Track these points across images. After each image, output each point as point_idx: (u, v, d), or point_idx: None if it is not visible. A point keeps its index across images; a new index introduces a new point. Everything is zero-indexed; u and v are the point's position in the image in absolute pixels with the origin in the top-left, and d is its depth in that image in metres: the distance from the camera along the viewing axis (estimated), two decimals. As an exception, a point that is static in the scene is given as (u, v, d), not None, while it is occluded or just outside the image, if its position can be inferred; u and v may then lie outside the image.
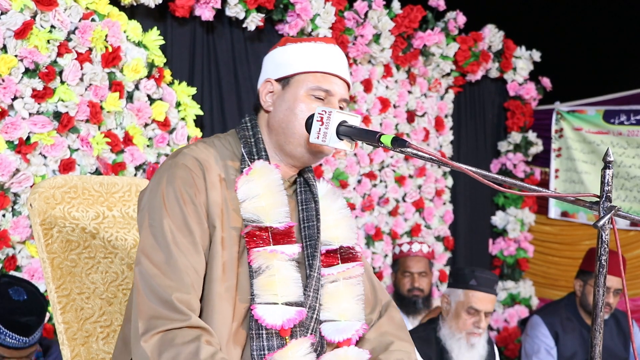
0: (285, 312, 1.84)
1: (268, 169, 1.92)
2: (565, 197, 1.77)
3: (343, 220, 2.05)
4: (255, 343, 1.84)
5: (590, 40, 5.84)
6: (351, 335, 1.95)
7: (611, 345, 4.24)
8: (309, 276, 1.94)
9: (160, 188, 1.86)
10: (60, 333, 2.04)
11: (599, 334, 1.69)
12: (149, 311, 1.76)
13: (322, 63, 1.96)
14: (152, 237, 1.82)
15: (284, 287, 1.85)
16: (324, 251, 2.00)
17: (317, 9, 4.25)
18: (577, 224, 5.61)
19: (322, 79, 1.94)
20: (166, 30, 3.82)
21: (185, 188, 1.85)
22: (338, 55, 2.00)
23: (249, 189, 1.89)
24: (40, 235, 2.05)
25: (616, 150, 5.31)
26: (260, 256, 1.85)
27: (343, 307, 1.97)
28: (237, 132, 2.02)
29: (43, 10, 3.24)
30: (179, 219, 1.83)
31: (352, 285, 2.00)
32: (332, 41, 2.02)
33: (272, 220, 1.88)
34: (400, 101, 4.90)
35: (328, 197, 2.06)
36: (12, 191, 3.21)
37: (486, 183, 1.69)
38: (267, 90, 1.99)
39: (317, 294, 1.95)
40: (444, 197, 5.21)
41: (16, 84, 3.19)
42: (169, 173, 1.87)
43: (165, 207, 1.83)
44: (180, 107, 3.76)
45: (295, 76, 1.96)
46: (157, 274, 1.78)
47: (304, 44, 1.98)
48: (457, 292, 3.52)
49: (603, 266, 1.68)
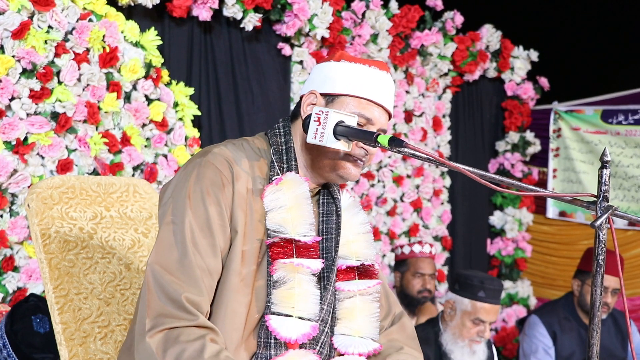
0: (301, 327, 1.83)
1: (298, 181, 1.90)
2: (562, 197, 1.77)
3: (363, 236, 2.04)
4: (262, 351, 1.84)
5: (588, 40, 5.85)
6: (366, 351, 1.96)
7: (609, 344, 4.24)
8: (325, 289, 1.93)
9: (187, 184, 1.83)
10: (58, 333, 2.04)
11: (597, 333, 1.69)
12: (157, 308, 1.74)
13: (371, 90, 1.92)
14: (171, 234, 1.80)
15: (302, 301, 1.84)
16: (345, 267, 1.99)
17: (314, 9, 4.25)
18: (575, 223, 5.61)
19: (366, 105, 1.91)
20: (164, 31, 3.82)
21: (213, 188, 1.83)
22: (388, 84, 1.96)
23: (276, 198, 1.87)
24: (37, 236, 2.05)
25: (614, 150, 5.31)
26: (284, 268, 1.84)
27: (358, 323, 1.97)
28: (268, 137, 2.00)
29: (40, 11, 3.24)
30: (202, 219, 1.81)
31: (368, 302, 2.00)
32: (386, 68, 1.99)
33: (298, 232, 1.86)
34: (398, 101, 4.90)
35: (350, 210, 2.05)
36: (9, 192, 3.21)
37: (483, 183, 1.69)
38: (310, 102, 1.95)
39: (330, 308, 1.94)
40: (441, 197, 5.21)
41: (14, 85, 3.18)
42: (198, 171, 1.85)
43: (190, 204, 1.81)
44: (178, 108, 3.75)
45: (341, 97, 1.92)
46: (169, 272, 1.77)
47: (358, 65, 1.94)
48: (464, 301, 3.50)
49: (600, 266, 1.68)
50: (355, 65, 1.95)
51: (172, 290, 1.75)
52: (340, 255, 1.99)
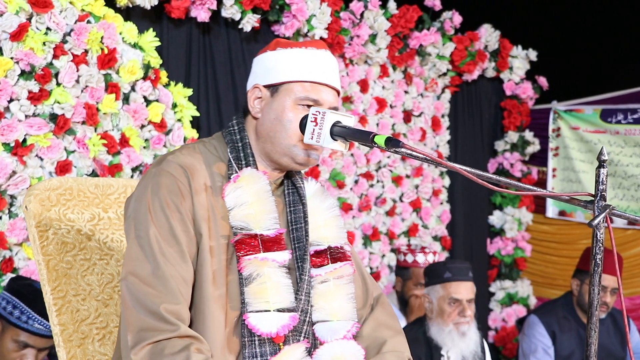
0: (279, 319, 1.83)
1: (256, 176, 1.91)
2: (560, 197, 1.78)
3: (332, 220, 2.05)
4: (248, 350, 1.83)
5: (587, 39, 5.85)
6: (343, 335, 1.95)
7: (609, 344, 4.24)
8: (300, 280, 1.94)
9: (145, 197, 1.85)
10: (56, 335, 2.04)
11: (595, 332, 1.70)
12: (138, 323, 1.74)
13: (312, 72, 1.93)
14: (138, 248, 1.81)
15: (275, 294, 1.84)
16: (313, 252, 2.00)
17: (313, 10, 4.25)
18: (575, 223, 5.61)
19: (310, 88, 1.92)
20: (162, 32, 3.82)
21: (171, 196, 1.83)
22: (329, 62, 1.97)
23: (237, 196, 1.88)
24: (35, 238, 2.05)
25: (613, 149, 5.32)
26: (251, 264, 1.84)
27: (335, 307, 1.97)
28: (223, 136, 2.01)
29: (38, 13, 3.24)
30: (165, 229, 1.81)
31: (342, 284, 2.00)
32: (324, 46, 2.00)
33: (262, 227, 1.87)
34: (396, 101, 4.90)
35: (317, 196, 2.06)
36: (8, 193, 3.21)
37: (480, 182, 1.69)
38: (255, 96, 1.97)
39: (308, 297, 1.95)
40: (441, 197, 5.22)
41: (12, 86, 3.18)
42: (154, 181, 1.86)
43: (151, 216, 1.82)
44: (177, 109, 3.76)
45: (284, 84, 1.94)
46: (144, 285, 1.77)
47: (295, 50, 1.95)
48: (435, 288, 3.58)
49: (598, 265, 1.68)
50: (292, 50, 1.95)
51: (150, 303, 1.75)
52: (311, 242, 2.00)
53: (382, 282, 4.73)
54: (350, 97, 4.63)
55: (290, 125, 1.91)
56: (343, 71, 4.59)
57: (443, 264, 3.68)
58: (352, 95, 4.64)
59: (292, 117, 1.91)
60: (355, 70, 4.64)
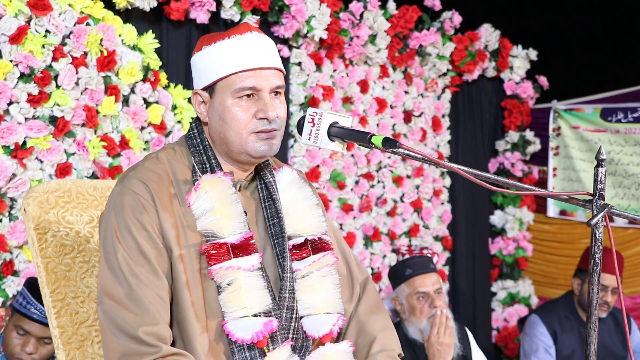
0: (254, 325, 1.80)
1: (217, 181, 1.87)
2: (558, 196, 1.78)
3: (309, 210, 2.00)
4: (238, 356, 1.82)
5: (587, 38, 5.84)
6: (329, 329, 1.93)
7: (610, 343, 4.24)
8: (282, 277, 1.91)
9: (110, 219, 1.83)
10: (55, 337, 2.04)
11: (594, 332, 1.70)
12: (119, 348, 1.73)
13: (241, 60, 1.87)
14: (109, 272, 1.79)
15: (250, 298, 1.82)
16: (292, 246, 1.96)
17: (312, 11, 4.25)
18: (576, 222, 5.60)
19: (244, 77, 1.87)
20: (161, 34, 3.82)
21: (135, 215, 1.81)
22: (258, 43, 1.90)
23: (201, 204, 1.84)
24: (34, 240, 2.05)
25: (614, 148, 5.31)
26: (222, 271, 1.82)
27: (320, 299, 1.94)
28: (186, 141, 1.97)
29: (38, 15, 3.24)
30: (134, 249, 1.79)
31: (325, 275, 1.97)
32: (248, 28, 1.94)
33: (229, 233, 1.84)
34: (397, 101, 4.90)
35: (292, 187, 2.01)
36: (8, 196, 3.22)
37: (478, 182, 1.69)
38: (198, 102, 1.94)
39: (292, 294, 1.92)
40: (442, 197, 5.21)
41: (11, 89, 3.19)
42: (117, 202, 1.84)
43: (118, 239, 1.80)
44: (177, 110, 3.76)
45: (218, 83, 1.89)
46: (120, 309, 1.75)
47: (219, 44, 1.90)
48: (401, 287, 3.58)
49: (597, 264, 1.68)
50: (216, 45, 1.91)
51: (129, 327, 1.73)
52: (291, 235, 1.97)
53: (384, 283, 4.72)
54: (351, 98, 4.63)
55: (235, 121, 1.87)
56: (343, 72, 4.59)
57: (402, 262, 3.67)
58: (352, 95, 4.64)
59: (236, 112, 1.87)
60: (355, 70, 4.64)
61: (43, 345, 2.92)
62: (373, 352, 1.98)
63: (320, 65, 4.45)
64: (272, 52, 1.92)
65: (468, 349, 3.63)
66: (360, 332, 2.03)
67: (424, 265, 3.56)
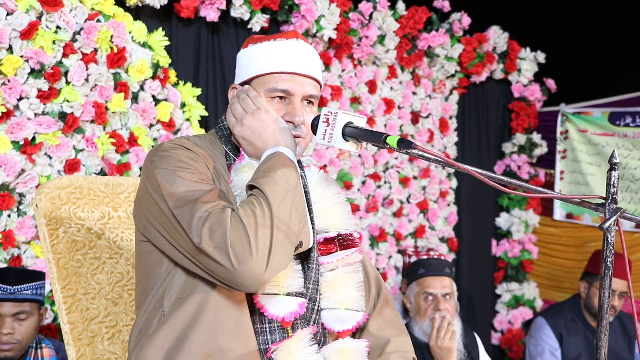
0: (288, 304, 1.81)
1: (254, 164, 1.87)
2: (570, 199, 1.77)
3: (339, 207, 2.00)
4: (261, 337, 1.81)
5: (595, 41, 5.83)
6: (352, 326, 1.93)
7: (616, 347, 4.23)
8: (307, 268, 1.91)
9: (157, 174, 1.77)
10: (66, 333, 2.04)
11: (604, 335, 1.69)
12: (187, 219, 1.68)
13: (280, 62, 1.89)
14: (174, 208, 1.72)
15: (286, 277, 1.81)
16: (322, 239, 1.97)
17: (322, 10, 4.25)
18: (582, 225, 5.60)
19: (279, 79, 1.89)
20: (171, 31, 3.82)
21: (187, 161, 1.79)
22: (300, 50, 1.93)
23: (243, 179, 1.83)
24: (46, 236, 2.05)
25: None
26: None
27: (343, 295, 1.94)
28: (216, 132, 1.99)
29: (49, 11, 3.24)
30: (195, 178, 1.76)
31: (351, 272, 1.97)
32: (295, 35, 1.96)
33: None
34: (404, 102, 4.90)
35: (321, 184, 2.02)
36: (17, 191, 3.22)
37: (492, 184, 1.68)
38: (232, 96, 1.97)
39: (316, 286, 1.92)
40: (448, 199, 5.21)
41: (22, 85, 3.19)
42: (163, 157, 1.80)
43: (178, 175, 1.75)
44: (185, 108, 3.76)
45: (255, 79, 1.92)
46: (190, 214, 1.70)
47: (264, 44, 1.93)
48: (412, 286, 3.59)
49: (609, 268, 1.67)
50: (261, 44, 1.93)
51: (193, 200, 1.71)
52: (318, 230, 1.97)
53: (389, 284, 4.73)
54: (359, 98, 4.63)
55: None
56: (351, 72, 4.58)
57: (418, 261, 3.66)
58: (360, 96, 4.64)
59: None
60: (363, 71, 4.64)
61: (19, 323, 2.93)
62: (387, 352, 1.99)
63: (329, 65, 4.45)
64: (313, 61, 1.94)
65: (475, 355, 3.61)
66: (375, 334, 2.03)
67: (438, 267, 3.55)
